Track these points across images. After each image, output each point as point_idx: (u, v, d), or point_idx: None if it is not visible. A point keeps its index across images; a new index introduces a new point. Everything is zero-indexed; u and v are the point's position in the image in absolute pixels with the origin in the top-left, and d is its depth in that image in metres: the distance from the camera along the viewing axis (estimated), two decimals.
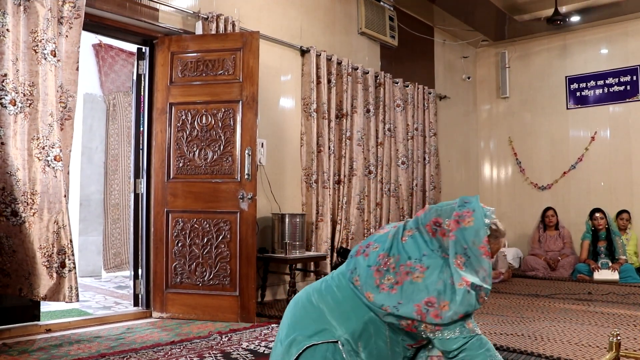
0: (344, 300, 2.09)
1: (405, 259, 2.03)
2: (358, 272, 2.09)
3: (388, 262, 2.04)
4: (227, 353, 3.37)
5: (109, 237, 7.00)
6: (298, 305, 2.21)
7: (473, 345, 1.94)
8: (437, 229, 2.05)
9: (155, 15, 4.59)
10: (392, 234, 2.15)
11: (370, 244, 2.17)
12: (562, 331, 3.95)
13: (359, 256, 2.15)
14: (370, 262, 2.08)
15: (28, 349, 3.44)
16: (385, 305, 1.98)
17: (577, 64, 8.06)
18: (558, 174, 8.08)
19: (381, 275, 2.03)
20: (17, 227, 3.55)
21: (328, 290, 2.16)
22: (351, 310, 2.06)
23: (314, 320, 2.09)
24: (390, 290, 1.99)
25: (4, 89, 3.53)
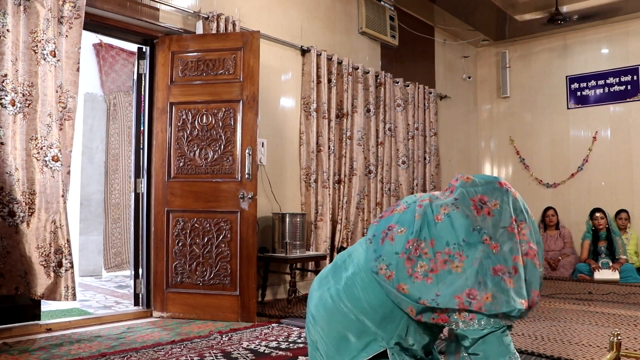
0: (379, 304, 1.93)
1: (442, 245, 1.84)
2: (386, 261, 1.90)
3: (419, 248, 1.86)
4: (228, 352, 3.37)
5: (109, 236, 7.00)
6: (331, 316, 2.01)
7: (494, 338, 1.83)
8: (482, 207, 1.87)
9: (155, 15, 4.59)
10: (421, 213, 1.93)
11: (392, 227, 1.96)
12: (563, 331, 3.95)
13: (383, 243, 1.94)
14: (398, 249, 1.89)
15: (29, 348, 3.45)
16: (423, 299, 1.82)
17: (577, 64, 8.06)
18: (558, 174, 8.07)
19: (413, 264, 1.85)
20: (13, 228, 3.54)
21: (357, 293, 1.97)
22: (390, 312, 1.93)
23: (357, 335, 1.94)
24: (426, 278, 1.82)
25: (3, 89, 3.54)
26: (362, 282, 1.98)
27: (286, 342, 3.65)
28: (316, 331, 2.07)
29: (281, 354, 3.36)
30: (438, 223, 1.88)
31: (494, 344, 1.84)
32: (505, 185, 1.96)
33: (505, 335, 1.87)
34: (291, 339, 3.76)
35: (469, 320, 1.82)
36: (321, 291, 2.12)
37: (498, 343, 1.84)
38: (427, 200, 1.99)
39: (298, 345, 3.56)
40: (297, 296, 5.15)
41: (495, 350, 1.84)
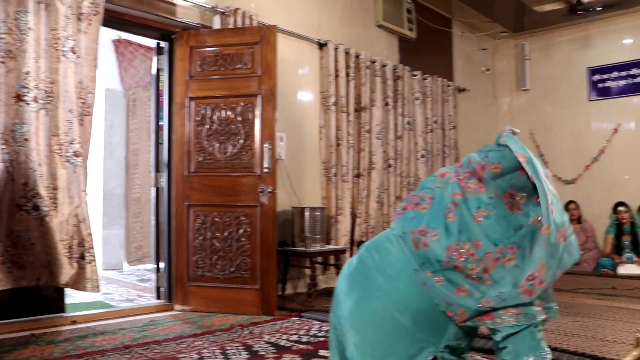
0: (427, 309, 1.88)
1: (491, 245, 1.80)
2: (430, 268, 1.86)
3: (463, 250, 1.80)
4: (249, 346, 3.39)
5: (130, 230, 7.07)
6: (374, 324, 1.94)
7: (527, 332, 1.81)
8: (513, 203, 1.85)
9: (173, 10, 4.61)
10: (456, 214, 1.86)
11: (424, 231, 1.90)
12: (586, 326, 3.91)
13: (418, 249, 1.89)
14: (440, 256, 1.83)
15: (55, 339, 3.50)
16: (486, 297, 1.78)
17: (599, 55, 7.94)
18: (580, 167, 7.97)
19: (461, 269, 1.80)
20: (38, 221, 3.60)
21: (402, 300, 1.91)
22: (438, 316, 1.89)
23: (406, 343, 1.89)
24: (482, 280, 1.79)
25: (26, 86, 3.58)
26: (408, 289, 1.92)
27: (307, 336, 3.66)
28: (352, 337, 1.99)
29: (302, 347, 3.37)
30: (478, 225, 1.84)
31: (527, 338, 1.82)
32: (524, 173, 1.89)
33: (538, 330, 1.85)
34: (312, 332, 3.77)
35: (516, 315, 1.79)
36: (356, 296, 2.03)
37: (530, 338, 1.83)
38: (458, 194, 1.91)
39: (319, 339, 3.57)
40: (317, 290, 5.17)
41: (527, 345, 1.82)
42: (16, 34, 3.57)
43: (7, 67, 3.54)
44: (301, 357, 3.13)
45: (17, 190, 3.55)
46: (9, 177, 3.53)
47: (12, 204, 3.54)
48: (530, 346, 1.82)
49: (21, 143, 3.56)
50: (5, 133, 3.53)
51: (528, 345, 1.82)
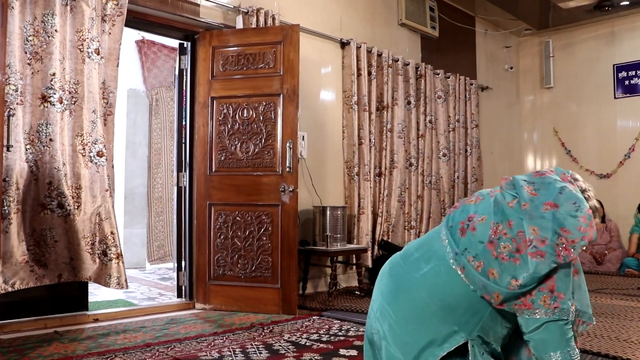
0: (463, 296, 1.90)
1: (522, 226, 1.83)
2: (472, 252, 1.89)
3: (499, 229, 1.86)
4: (269, 344, 3.40)
5: (152, 229, 7.13)
6: (408, 307, 1.97)
7: (556, 327, 1.80)
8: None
9: (196, 11, 4.64)
10: (495, 200, 1.96)
11: (472, 217, 1.96)
12: (610, 327, 3.85)
13: (465, 234, 1.93)
14: (483, 238, 1.88)
15: (78, 337, 3.55)
16: (518, 278, 1.78)
17: (626, 51, 7.79)
18: (605, 166, 7.83)
19: (496, 246, 1.84)
20: (62, 219, 3.66)
21: (441, 286, 1.93)
22: (474, 304, 1.89)
23: (439, 326, 1.91)
24: (513, 259, 1.80)
25: (52, 87, 3.64)
26: (447, 275, 1.94)
27: (327, 335, 3.66)
28: (386, 322, 2.01)
29: (322, 346, 3.37)
30: (511, 209, 1.89)
31: (556, 333, 1.81)
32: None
33: (568, 328, 1.83)
34: (332, 331, 3.77)
35: (554, 309, 1.79)
36: (398, 283, 2.06)
37: (559, 333, 1.81)
38: (499, 190, 2.01)
39: (339, 338, 3.57)
40: (338, 289, 5.17)
41: (556, 340, 1.81)
42: (42, 36, 3.63)
43: (33, 69, 3.60)
44: (321, 356, 3.13)
45: (42, 189, 3.61)
46: (33, 177, 3.59)
47: (36, 203, 3.61)
48: (559, 342, 1.80)
49: (46, 143, 3.62)
50: (30, 133, 3.59)
51: (557, 340, 1.80)
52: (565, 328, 1.81)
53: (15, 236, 3.50)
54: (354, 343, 3.45)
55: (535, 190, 1.89)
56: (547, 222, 1.80)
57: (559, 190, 1.86)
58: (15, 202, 3.49)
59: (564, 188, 1.87)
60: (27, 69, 3.58)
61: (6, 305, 3.57)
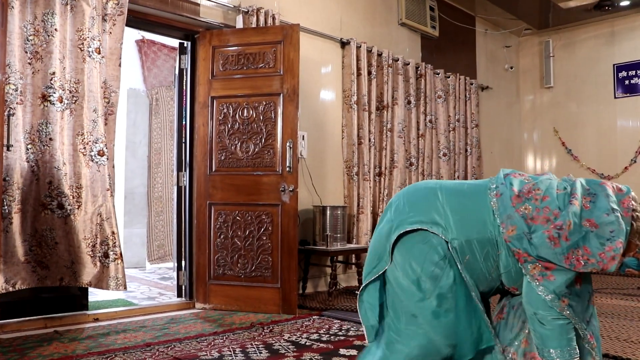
0: (473, 210, 1.99)
1: (554, 205, 1.91)
2: (501, 190, 1.99)
3: (533, 193, 1.93)
4: (269, 344, 3.40)
5: (152, 229, 7.13)
6: (422, 190, 2.10)
7: (557, 325, 1.86)
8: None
9: (196, 10, 4.64)
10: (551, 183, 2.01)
11: (524, 174, 2.06)
12: (610, 327, 3.85)
13: (507, 177, 2.03)
14: (517, 185, 1.98)
15: (78, 336, 3.55)
16: (521, 229, 1.89)
17: (626, 51, 7.79)
18: (606, 166, 7.82)
19: (520, 201, 1.93)
20: (62, 220, 3.66)
21: (459, 195, 2.05)
22: (476, 222, 1.97)
23: (434, 211, 1.99)
24: (524, 220, 1.90)
25: (52, 86, 3.64)
26: (473, 194, 2.05)
27: (327, 335, 3.66)
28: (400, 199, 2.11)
29: (322, 346, 3.37)
30: (557, 192, 1.95)
31: (556, 330, 1.87)
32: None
33: (570, 327, 1.88)
34: (332, 331, 3.77)
35: (536, 281, 1.88)
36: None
37: (560, 331, 1.87)
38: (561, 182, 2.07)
39: (339, 338, 3.57)
40: (338, 289, 5.16)
41: (556, 337, 1.87)
42: (43, 36, 3.64)
43: (33, 68, 3.60)
44: (321, 356, 3.13)
45: (42, 189, 3.61)
46: (34, 176, 3.59)
47: (37, 203, 3.61)
48: (559, 339, 1.86)
49: (46, 143, 3.62)
50: (31, 133, 3.59)
51: (557, 337, 1.86)
52: (567, 327, 1.87)
53: (16, 236, 3.50)
54: (354, 343, 3.45)
55: (589, 203, 1.92)
56: (581, 233, 1.86)
57: (606, 212, 1.88)
58: (16, 201, 3.50)
59: (614, 211, 1.88)
60: (28, 68, 3.58)
61: (6, 305, 3.57)
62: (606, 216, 1.86)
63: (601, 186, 1.95)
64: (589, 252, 1.84)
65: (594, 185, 1.96)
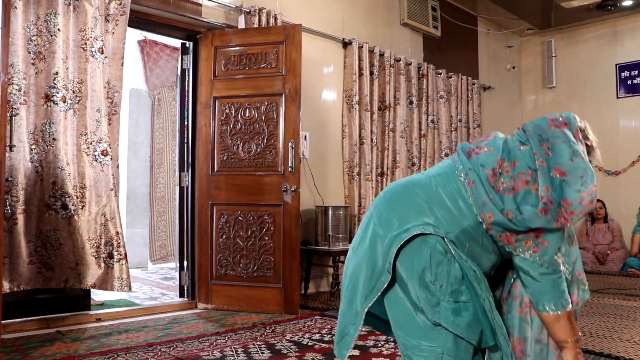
0: (454, 202, 1.96)
1: (525, 167, 1.91)
2: (472, 177, 1.96)
3: (503, 165, 1.93)
4: (271, 344, 3.40)
5: (154, 229, 7.14)
6: (398, 196, 2.04)
7: (550, 280, 1.87)
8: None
9: (198, 10, 4.64)
10: (506, 141, 2.04)
11: (481, 147, 2.04)
12: (613, 327, 3.85)
13: (470, 157, 2.01)
14: (487, 164, 1.96)
15: (80, 337, 3.55)
16: (506, 209, 1.87)
17: (628, 51, 7.78)
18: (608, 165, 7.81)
19: (496, 179, 1.92)
20: (66, 220, 3.67)
21: (435, 188, 2.00)
22: (462, 211, 1.94)
23: (420, 213, 1.96)
24: (507, 194, 1.89)
25: (55, 86, 3.65)
26: (445, 185, 2.01)
27: (329, 335, 3.66)
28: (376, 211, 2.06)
29: (324, 346, 3.37)
30: (519, 151, 1.96)
31: (549, 285, 1.87)
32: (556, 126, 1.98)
33: (561, 280, 1.89)
34: (334, 331, 3.77)
35: (532, 252, 1.87)
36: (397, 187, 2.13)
37: (552, 285, 1.87)
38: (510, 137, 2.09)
39: None
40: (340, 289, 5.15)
41: (549, 292, 1.87)
42: (46, 36, 3.64)
43: (36, 69, 3.61)
44: (323, 356, 3.14)
45: (46, 189, 3.62)
46: (38, 177, 3.60)
47: (41, 203, 3.62)
48: (552, 293, 1.87)
49: (50, 143, 3.63)
50: (34, 133, 3.60)
51: (550, 292, 1.87)
52: (559, 281, 1.88)
53: (21, 237, 3.52)
54: (356, 343, 3.44)
55: (549, 150, 1.93)
56: (556, 188, 1.87)
57: (570, 157, 1.90)
58: (21, 202, 3.51)
59: (576, 154, 1.91)
60: (31, 68, 3.59)
61: (9, 305, 3.57)
62: (571, 162, 1.89)
63: (551, 129, 1.97)
64: (570, 203, 1.84)
65: (543, 130, 1.98)
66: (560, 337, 1.90)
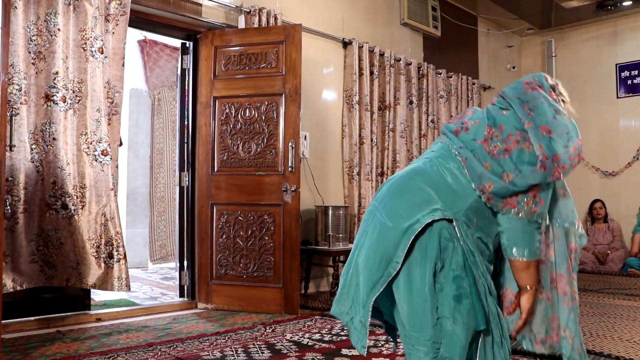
0: (456, 181, 2.00)
1: (512, 128, 1.98)
2: (469, 148, 2.01)
3: (492, 132, 1.99)
4: (272, 344, 3.40)
5: (154, 229, 7.14)
6: (402, 187, 2.06)
7: (527, 230, 1.94)
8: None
9: (198, 10, 4.64)
10: (488, 110, 2.09)
11: (466, 122, 2.09)
12: (613, 327, 3.85)
13: (459, 135, 2.05)
14: (478, 136, 2.01)
15: (80, 336, 3.55)
16: (506, 171, 1.92)
17: (628, 51, 7.78)
18: (608, 165, 7.82)
19: (488, 144, 1.98)
20: (67, 220, 3.67)
21: (436, 172, 2.03)
22: (465, 187, 1.99)
23: (428, 200, 1.98)
24: (502, 156, 1.95)
25: (55, 86, 3.65)
26: (439, 164, 2.05)
27: (329, 335, 3.66)
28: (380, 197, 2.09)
29: (324, 346, 3.37)
30: (503, 115, 2.03)
31: (527, 234, 1.95)
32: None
33: (539, 231, 1.98)
34: (334, 331, 3.77)
35: (532, 212, 1.93)
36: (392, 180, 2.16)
37: (530, 232, 1.95)
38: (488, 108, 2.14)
39: (341, 338, 3.57)
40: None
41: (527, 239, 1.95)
42: (46, 36, 3.64)
43: (37, 68, 3.61)
44: (323, 356, 3.14)
45: (47, 189, 3.62)
46: (39, 176, 3.60)
47: (42, 203, 3.62)
48: (530, 242, 1.95)
49: (50, 142, 3.63)
50: (35, 133, 3.60)
51: (528, 240, 1.95)
52: (537, 232, 1.98)
53: (22, 236, 3.52)
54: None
55: (531, 111, 2.00)
56: (547, 145, 1.95)
57: (552, 115, 1.99)
58: (22, 201, 3.51)
59: (556, 113, 2.00)
60: (32, 68, 3.59)
61: (9, 305, 3.57)
62: (554, 120, 1.98)
63: (529, 92, 2.04)
64: (559, 159, 1.93)
65: (522, 93, 2.04)
66: (526, 283, 1.98)
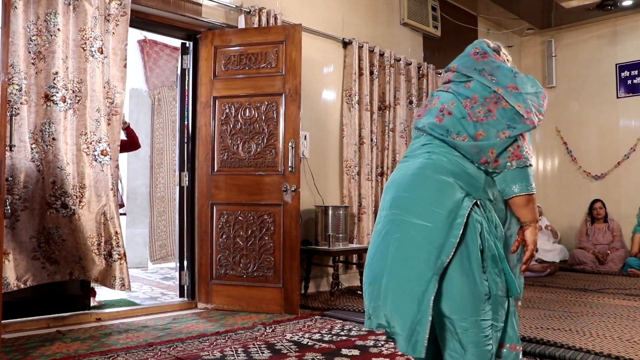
0: (465, 165, 2.05)
1: (485, 94, 2.08)
2: (454, 130, 2.07)
3: (469, 102, 2.08)
4: (271, 344, 3.41)
5: (154, 229, 7.14)
6: (420, 185, 2.07)
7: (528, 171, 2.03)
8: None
9: (198, 10, 4.64)
10: (451, 89, 2.19)
11: (442, 107, 2.15)
12: (613, 327, 3.84)
13: (442, 120, 2.11)
14: (461, 113, 2.08)
15: (80, 336, 3.55)
16: (500, 131, 2.01)
17: (628, 51, 7.77)
18: (607, 165, 7.83)
19: (472, 114, 2.06)
20: (67, 218, 3.67)
21: (447, 161, 2.06)
22: (474, 169, 2.05)
23: (454, 191, 2.02)
24: (490, 117, 2.03)
25: (54, 86, 3.65)
26: (444, 154, 2.09)
27: (329, 335, 3.66)
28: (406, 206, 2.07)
29: (324, 346, 3.37)
30: (469, 89, 2.14)
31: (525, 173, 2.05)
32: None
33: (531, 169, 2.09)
34: (334, 331, 3.77)
35: (529, 157, 2.04)
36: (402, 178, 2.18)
37: (528, 173, 2.06)
38: (446, 86, 2.27)
39: (341, 338, 3.57)
40: (340, 289, 5.16)
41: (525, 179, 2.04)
42: (45, 36, 3.64)
43: (36, 68, 3.61)
44: (323, 356, 3.14)
45: (47, 188, 3.62)
46: (40, 175, 3.60)
47: (43, 202, 3.63)
48: (527, 179, 2.04)
49: (49, 142, 3.63)
50: (34, 133, 3.60)
51: (525, 178, 2.04)
52: (530, 169, 2.07)
53: (23, 232, 3.52)
54: (356, 343, 3.45)
55: (492, 77, 2.14)
56: (522, 100, 2.09)
57: (512, 74, 2.15)
58: (22, 200, 3.51)
59: (512, 70, 2.17)
60: (32, 68, 3.59)
61: (9, 305, 3.57)
62: (515, 78, 2.14)
63: (480, 61, 2.23)
64: (537, 106, 2.11)
65: (475, 63, 2.23)
66: (528, 218, 2.07)
